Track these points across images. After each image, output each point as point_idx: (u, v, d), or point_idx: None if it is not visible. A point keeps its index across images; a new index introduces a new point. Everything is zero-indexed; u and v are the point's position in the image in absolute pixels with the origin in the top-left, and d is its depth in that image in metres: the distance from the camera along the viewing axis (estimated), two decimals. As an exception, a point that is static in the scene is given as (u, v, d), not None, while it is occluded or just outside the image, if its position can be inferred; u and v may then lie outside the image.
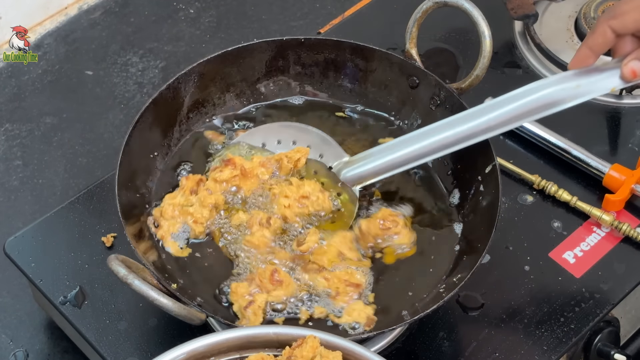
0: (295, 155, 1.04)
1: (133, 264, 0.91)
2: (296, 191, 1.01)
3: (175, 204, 1.00)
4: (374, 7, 1.33)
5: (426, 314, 0.91)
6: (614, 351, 1.05)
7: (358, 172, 1.02)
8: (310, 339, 0.82)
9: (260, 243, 0.98)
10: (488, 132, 0.97)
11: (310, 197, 1.01)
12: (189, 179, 1.02)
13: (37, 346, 1.08)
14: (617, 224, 1.08)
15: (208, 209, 1.00)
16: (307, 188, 1.01)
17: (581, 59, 0.95)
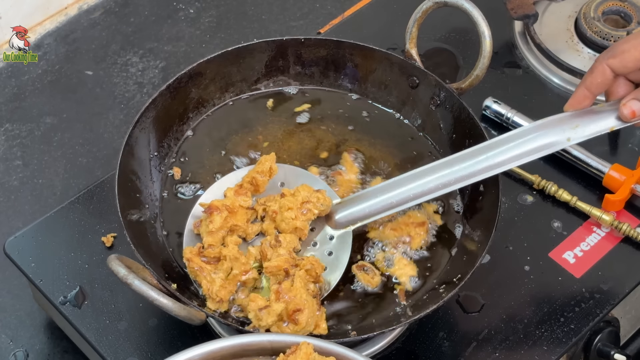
0: (265, 166, 1.00)
1: (133, 264, 0.91)
2: (295, 200, 0.98)
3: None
4: (374, 7, 1.33)
5: (426, 314, 0.91)
6: (614, 351, 1.05)
7: (350, 214, 0.99)
8: (304, 345, 0.82)
9: (280, 262, 0.95)
10: (484, 173, 0.96)
11: (310, 200, 0.98)
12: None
13: (37, 346, 1.08)
14: (617, 224, 1.08)
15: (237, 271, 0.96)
16: (304, 193, 0.98)
17: (579, 100, 0.95)
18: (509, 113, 1.18)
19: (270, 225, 0.98)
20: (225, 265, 0.95)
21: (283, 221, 0.97)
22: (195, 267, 0.95)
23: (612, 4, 1.27)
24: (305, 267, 0.94)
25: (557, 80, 1.24)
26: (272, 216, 0.98)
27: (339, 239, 0.99)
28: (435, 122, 1.08)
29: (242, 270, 0.95)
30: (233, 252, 0.95)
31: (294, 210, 0.97)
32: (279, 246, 0.95)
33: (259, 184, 1.00)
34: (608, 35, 1.24)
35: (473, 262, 0.94)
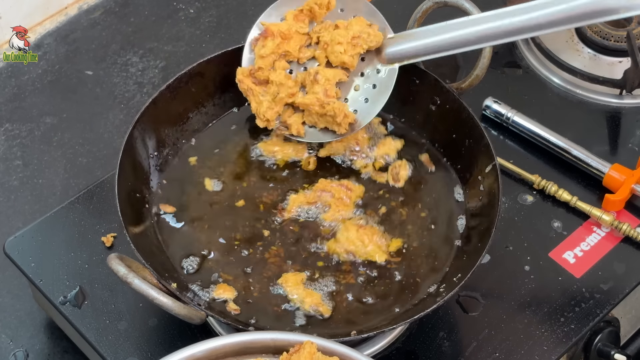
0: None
1: (133, 263, 0.91)
2: (346, 34, 1.03)
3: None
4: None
5: (426, 314, 0.91)
6: (614, 351, 1.05)
7: (403, 49, 1.02)
8: (308, 344, 0.82)
9: (309, 101, 1.03)
10: (540, 30, 0.95)
11: (361, 35, 1.03)
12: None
13: (37, 346, 1.08)
14: (617, 224, 1.08)
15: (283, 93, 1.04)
16: (356, 27, 1.03)
17: None
18: (509, 113, 1.18)
19: (322, 53, 1.04)
20: (272, 89, 1.03)
21: (332, 53, 1.03)
22: (245, 87, 1.04)
23: (612, 4, 1.27)
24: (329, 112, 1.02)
25: (557, 80, 1.24)
26: (324, 47, 1.04)
27: (385, 74, 1.04)
28: (436, 122, 1.08)
29: (287, 94, 1.03)
30: (280, 78, 1.03)
31: (344, 44, 1.02)
32: (316, 83, 1.02)
33: (316, 15, 1.05)
34: (608, 35, 1.24)
35: (473, 262, 0.94)
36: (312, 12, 1.05)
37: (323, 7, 1.04)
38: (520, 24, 0.96)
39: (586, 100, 1.22)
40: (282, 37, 1.04)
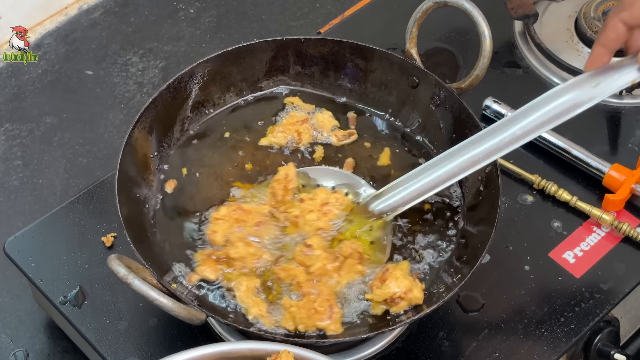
0: (281, 174, 1.02)
1: (133, 263, 0.91)
2: (313, 203, 1.00)
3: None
4: (374, 7, 1.33)
5: (426, 314, 0.91)
6: (614, 351, 1.04)
7: (389, 204, 1.00)
8: (284, 354, 0.82)
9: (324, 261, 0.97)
10: (514, 144, 0.95)
11: (329, 201, 1.00)
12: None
13: (37, 346, 1.08)
14: (617, 224, 1.08)
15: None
16: (321, 195, 1.01)
17: (596, 58, 0.94)
18: (509, 113, 1.18)
19: (292, 229, 1.00)
20: (237, 265, 0.97)
21: (306, 224, 0.99)
22: (207, 268, 0.96)
23: (612, 4, 1.27)
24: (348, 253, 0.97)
25: (557, 80, 1.24)
26: (295, 221, 1.00)
27: (377, 228, 1.00)
28: (435, 122, 1.08)
29: (254, 263, 0.97)
30: (240, 253, 0.97)
31: (315, 212, 0.99)
32: (312, 249, 0.97)
33: (276, 192, 1.01)
34: (608, 35, 1.24)
35: (473, 262, 0.94)
36: (273, 194, 1.02)
37: (281, 183, 1.01)
38: (500, 142, 0.95)
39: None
40: (240, 208, 1.00)
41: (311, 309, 0.93)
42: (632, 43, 0.94)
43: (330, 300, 0.94)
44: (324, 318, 0.93)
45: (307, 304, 0.93)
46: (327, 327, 0.93)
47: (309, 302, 0.93)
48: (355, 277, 0.97)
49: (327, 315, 0.93)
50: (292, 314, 0.93)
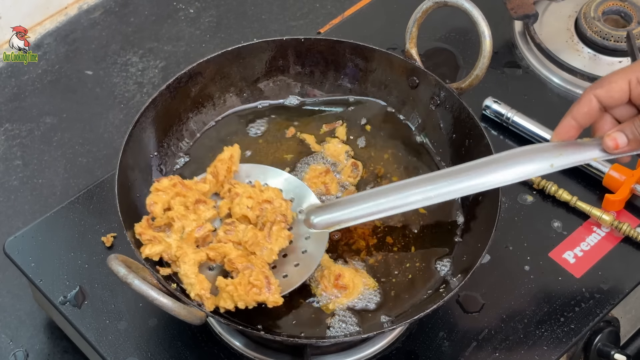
0: (226, 154, 1.00)
1: (133, 263, 0.91)
2: (259, 194, 0.98)
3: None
4: (374, 7, 1.33)
5: (426, 314, 0.91)
6: (614, 351, 1.05)
7: (330, 218, 0.98)
8: None
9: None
10: (463, 193, 0.95)
11: (273, 202, 0.98)
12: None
13: (37, 346, 1.08)
14: (617, 224, 1.08)
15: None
16: (270, 193, 0.99)
17: (565, 129, 0.94)
18: (509, 113, 1.18)
19: (226, 203, 0.98)
20: (176, 226, 0.95)
21: (238, 205, 0.97)
22: (147, 238, 0.94)
23: (612, 4, 1.27)
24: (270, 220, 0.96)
25: (557, 80, 1.24)
26: (232, 197, 0.98)
27: (314, 238, 0.98)
28: (435, 122, 1.08)
29: (195, 227, 0.95)
30: (179, 211, 0.95)
31: (254, 201, 0.97)
32: (235, 226, 0.95)
33: (219, 172, 1.00)
34: (608, 35, 1.24)
35: (473, 262, 0.94)
36: (214, 172, 1.00)
37: (225, 162, 1.00)
38: (451, 186, 0.95)
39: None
40: (181, 183, 0.97)
41: (247, 284, 0.91)
42: (600, 126, 0.94)
43: (266, 271, 0.93)
44: (262, 292, 0.91)
45: (242, 279, 0.92)
46: (266, 300, 0.92)
47: (244, 278, 0.92)
48: (285, 243, 0.96)
49: (265, 288, 0.91)
50: (230, 293, 0.91)
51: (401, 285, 0.99)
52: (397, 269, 1.00)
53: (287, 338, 0.92)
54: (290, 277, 0.96)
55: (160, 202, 0.96)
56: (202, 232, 0.95)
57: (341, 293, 0.97)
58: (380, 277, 0.99)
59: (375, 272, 0.99)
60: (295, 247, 0.98)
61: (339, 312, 0.96)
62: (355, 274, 0.98)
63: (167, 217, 0.95)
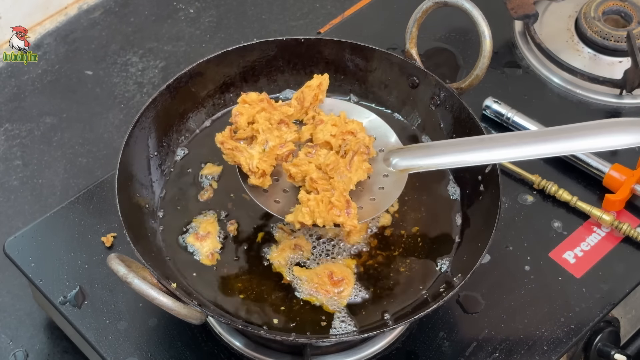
0: (315, 82, 1.01)
1: (133, 263, 0.91)
2: (344, 124, 0.99)
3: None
4: (374, 7, 1.33)
5: (426, 314, 0.91)
6: (614, 351, 1.05)
7: (411, 161, 0.99)
8: None
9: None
10: (548, 154, 0.96)
11: (357, 134, 0.98)
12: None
13: (37, 346, 1.08)
14: (617, 224, 1.08)
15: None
16: (354, 125, 0.99)
17: None
18: (509, 113, 1.18)
19: (310, 127, 0.99)
20: (260, 138, 0.95)
21: (321, 131, 0.98)
22: (229, 147, 0.95)
23: (613, 4, 1.27)
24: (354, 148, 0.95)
25: (557, 80, 1.24)
26: (317, 123, 0.99)
27: (392, 178, 0.99)
28: (435, 122, 1.08)
29: (278, 143, 0.96)
30: (265, 124, 0.95)
31: (337, 130, 0.98)
32: (317, 150, 0.96)
33: (305, 97, 1.00)
34: (608, 35, 1.24)
35: (473, 262, 0.94)
36: (300, 97, 1.00)
37: (312, 90, 1.01)
38: (536, 150, 0.95)
39: (586, 100, 1.22)
40: (268, 101, 0.99)
41: (328, 203, 0.92)
42: None
43: (346, 195, 0.93)
44: (342, 213, 0.92)
45: (324, 197, 0.92)
46: (344, 223, 0.92)
47: (325, 197, 0.92)
48: (364, 175, 0.97)
49: (344, 210, 0.92)
50: (311, 208, 0.92)
51: (401, 285, 0.99)
52: (397, 269, 1.00)
53: (287, 338, 0.92)
54: (365, 210, 0.97)
55: (246, 114, 0.97)
56: (285, 150, 0.96)
57: (341, 287, 0.97)
58: (381, 277, 0.99)
59: (375, 272, 0.99)
60: (372, 183, 0.99)
61: (340, 312, 0.96)
62: (342, 267, 0.99)
63: (252, 130, 0.96)
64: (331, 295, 0.97)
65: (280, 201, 0.97)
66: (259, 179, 0.95)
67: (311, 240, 1.01)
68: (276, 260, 0.99)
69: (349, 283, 0.98)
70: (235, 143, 0.96)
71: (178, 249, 1.00)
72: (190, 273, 0.98)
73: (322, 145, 0.98)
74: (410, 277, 0.99)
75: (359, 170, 0.96)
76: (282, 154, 0.96)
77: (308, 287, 0.97)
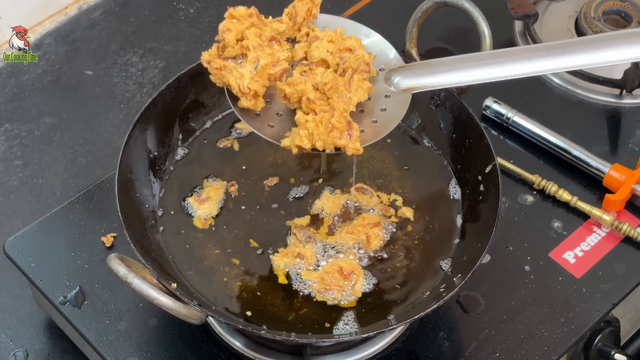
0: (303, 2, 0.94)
1: (133, 263, 0.91)
2: (341, 41, 0.92)
3: None
4: (374, 7, 1.33)
5: (426, 314, 0.91)
6: (614, 351, 1.04)
7: (415, 80, 0.93)
8: None
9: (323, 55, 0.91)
10: (560, 68, 0.92)
11: (355, 52, 0.92)
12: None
13: (37, 346, 1.08)
14: (617, 224, 1.08)
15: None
16: (352, 42, 0.92)
17: None
18: (509, 113, 1.18)
19: (305, 45, 0.93)
20: (250, 56, 0.88)
21: (317, 48, 0.92)
22: (217, 67, 0.88)
23: (613, 4, 1.27)
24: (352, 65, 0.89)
25: (557, 80, 1.24)
26: (311, 40, 0.92)
27: (395, 98, 0.94)
28: (436, 122, 1.08)
29: (270, 61, 0.89)
30: (256, 41, 0.88)
31: (334, 47, 0.92)
32: (310, 73, 0.89)
33: (298, 12, 0.93)
34: (608, 35, 1.24)
35: (473, 262, 0.94)
36: (292, 13, 0.93)
37: (305, 4, 0.93)
38: (556, 62, 0.91)
39: (586, 100, 1.22)
40: (257, 16, 0.91)
41: (328, 124, 0.86)
42: None
43: (347, 116, 0.87)
44: (343, 136, 0.86)
45: (324, 119, 0.86)
46: (346, 146, 0.87)
47: (325, 118, 0.86)
48: (365, 96, 0.91)
49: (345, 132, 0.86)
50: (309, 130, 0.86)
51: (401, 285, 0.99)
52: (397, 269, 1.00)
53: (287, 338, 0.92)
54: (366, 133, 0.91)
55: (235, 30, 0.90)
56: (278, 69, 0.89)
57: (352, 279, 0.97)
58: (381, 277, 0.99)
59: (375, 272, 0.99)
60: (374, 105, 0.92)
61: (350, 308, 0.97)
62: (347, 260, 0.99)
63: (241, 47, 0.89)
64: (345, 290, 0.97)
65: (274, 125, 0.91)
66: (250, 101, 0.89)
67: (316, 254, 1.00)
68: (276, 262, 0.99)
69: (359, 274, 0.98)
70: (224, 62, 0.89)
71: (178, 211, 1.02)
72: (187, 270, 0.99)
73: (318, 63, 0.92)
74: (410, 277, 0.99)
75: (359, 89, 0.90)
76: (275, 73, 0.90)
77: (321, 287, 0.97)
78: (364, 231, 1.01)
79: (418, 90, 0.94)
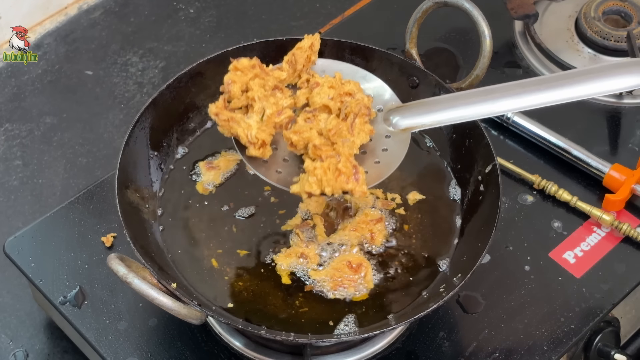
0: (306, 42, 0.97)
1: (133, 263, 0.91)
2: (340, 86, 0.94)
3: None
4: (374, 7, 1.33)
5: (426, 314, 0.91)
6: (614, 351, 1.05)
7: (412, 119, 0.95)
8: None
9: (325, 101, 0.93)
10: (553, 101, 0.94)
11: (355, 95, 0.94)
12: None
13: (37, 346, 1.08)
14: (617, 224, 1.08)
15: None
16: (351, 86, 0.95)
17: None
18: (509, 113, 1.17)
19: (306, 92, 0.95)
20: (257, 107, 0.91)
21: (319, 94, 0.94)
22: (224, 119, 0.91)
23: (613, 4, 1.27)
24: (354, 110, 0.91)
25: (557, 80, 1.24)
26: (312, 86, 0.95)
27: (395, 138, 0.96)
28: (435, 122, 1.08)
29: (275, 110, 0.91)
30: (261, 91, 0.91)
31: (335, 92, 0.94)
32: (316, 115, 0.92)
33: (297, 60, 0.96)
34: (608, 35, 1.24)
35: (473, 262, 0.94)
36: (292, 60, 0.96)
37: (304, 50, 0.97)
38: (550, 95, 0.94)
39: (586, 100, 1.22)
40: (260, 67, 0.94)
41: (335, 170, 0.88)
42: None
43: (352, 160, 0.89)
44: (350, 180, 0.88)
45: (330, 165, 0.88)
46: (353, 189, 0.89)
47: (332, 164, 0.88)
48: (367, 138, 0.93)
49: (352, 177, 0.88)
50: (318, 177, 0.88)
51: (401, 285, 0.99)
52: (397, 269, 1.00)
53: (286, 338, 0.92)
54: (371, 174, 0.93)
55: (239, 82, 0.92)
56: (283, 117, 0.91)
57: (362, 271, 0.97)
58: (381, 277, 0.99)
59: (375, 272, 0.99)
60: (375, 145, 0.95)
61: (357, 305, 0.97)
62: (353, 255, 0.99)
63: (247, 98, 0.91)
64: (356, 283, 0.97)
65: (281, 171, 0.94)
66: (258, 150, 0.91)
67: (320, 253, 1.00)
68: (280, 262, 0.99)
69: (367, 265, 0.98)
70: (231, 113, 0.91)
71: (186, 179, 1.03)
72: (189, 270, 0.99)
73: (320, 109, 0.94)
74: (410, 277, 0.99)
75: (361, 133, 0.92)
76: (281, 121, 0.92)
77: (334, 284, 0.97)
78: (368, 228, 1.01)
79: (417, 129, 0.96)
